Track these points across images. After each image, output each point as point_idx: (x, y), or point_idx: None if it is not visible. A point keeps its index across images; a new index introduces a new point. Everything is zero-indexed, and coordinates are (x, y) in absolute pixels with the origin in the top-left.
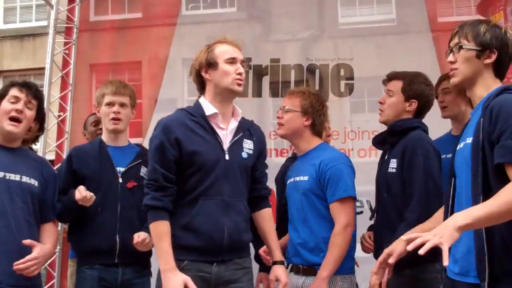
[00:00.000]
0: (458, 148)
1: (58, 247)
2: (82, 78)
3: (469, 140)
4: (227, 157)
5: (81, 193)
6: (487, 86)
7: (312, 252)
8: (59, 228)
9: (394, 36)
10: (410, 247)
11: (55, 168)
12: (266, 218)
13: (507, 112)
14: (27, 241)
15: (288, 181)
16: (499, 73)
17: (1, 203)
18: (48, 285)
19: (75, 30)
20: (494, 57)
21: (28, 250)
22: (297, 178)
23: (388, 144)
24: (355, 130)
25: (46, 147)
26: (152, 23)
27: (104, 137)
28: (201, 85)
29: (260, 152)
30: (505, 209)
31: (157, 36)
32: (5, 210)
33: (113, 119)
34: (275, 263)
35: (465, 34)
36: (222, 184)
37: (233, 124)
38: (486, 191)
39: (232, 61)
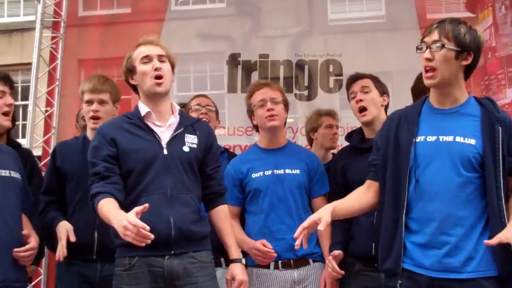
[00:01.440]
0: (432, 139)
1: None
2: (70, 73)
3: (471, 141)
4: (165, 152)
5: (62, 244)
6: (462, 88)
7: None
8: None
9: (383, 33)
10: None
11: (42, 163)
12: (221, 216)
13: None
14: (26, 232)
15: (258, 174)
16: (467, 75)
17: None
18: (35, 281)
19: (62, 24)
20: (470, 59)
21: (22, 244)
22: (280, 171)
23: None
24: (344, 126)
25: (32, 143)
26: (141, 19)
27: (88, 133)
28: (136, 91)
29: (207, 147)
30: None
31: (145, 32)
32: (1, 206)
33: (92, 117)
34: (232, 261)
35: (446, 32)
36: (163, 178)
37: (172, 120)
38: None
39: (146, 59)
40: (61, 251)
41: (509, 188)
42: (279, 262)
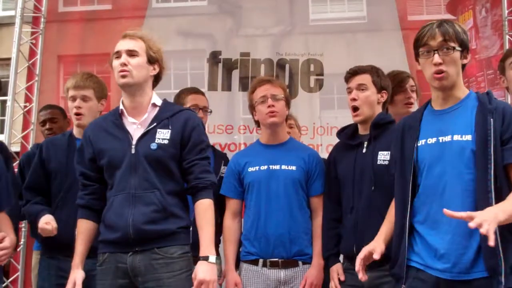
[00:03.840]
0: (432, 141)
1: (22, 240)
2: (49, 69)
3: (467, 137)
4: (133, 151)
5: (46, 225)
6: (462, 86)
7: (294, 243)
8: (23, 225)
9: (364, 34)
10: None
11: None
12: (198, 211)
13: None
14: (2, 234)
15: (254, 168)
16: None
17: None
18: (12, 277)
19: (42, 19)
20: (468, 57)
21: None
22: (276, 167)
23: (369, 138)
24: (324, 126)
25: (11, 138)
26: (122, 15)
27: (74, 130)
28: None
29: (184, 140)
30: None
31: (126, 28)
32: None
33: (75, 114)
34: (198, 258)
35: (451, 34)
36: (128, 178)
37: (145, 116)
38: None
39: (117, 55)
40: (52, 226)
41: (509, 177)
42: (268, 260)
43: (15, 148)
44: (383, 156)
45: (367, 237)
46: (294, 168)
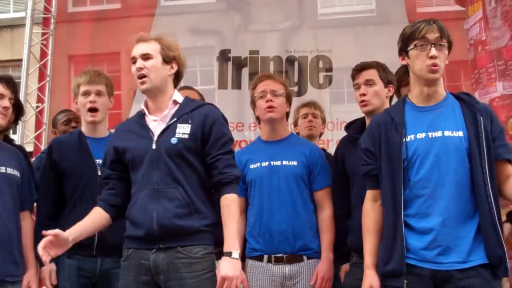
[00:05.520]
0: (421, 136)
1: None
2: (60, 69)
3: (459, 133)
4: (153, 147)
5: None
6: (442, 84)
7: (298, 238)
8: None
9: (373, 27)
10: None
11: (33, 159)
12: (222, 206)
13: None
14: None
15: (255, 165)
16: None
17: None
18: None
19: (52, 20)
20: (447, 61)
21: (16, 241)
22: (277, 162)
23: None
24: (334, 121)
25: (24, 139)
26: (131, 14)
27: (83, 128)
28: None
29: (204, 135)
30: None
31: (135, 27)
32: None
33: (90, 109)
34: (222, 254)
35: (444, 32)
36: (151, 174)
37: (165, 112)
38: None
39: (133, 61)
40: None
41: (500, 171)
42: (272, 256)
43: (27, 148)
44: None
45: None
46: (295, 163)
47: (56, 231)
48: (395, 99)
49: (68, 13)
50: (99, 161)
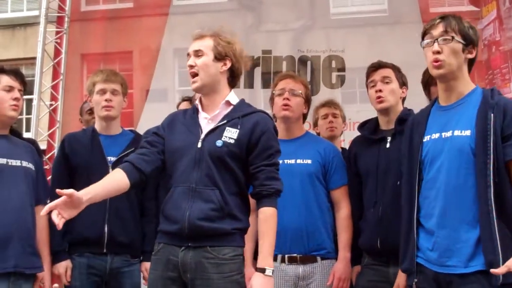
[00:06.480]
0: (435, 137)
1: None
2: (73, 68)
3: (466, 132)
4: (199, 145)
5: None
6: (467, 81)
7: (312, 237)
8: None
9: (385, 27)
10: None
11: (46, 157)
12: (260, 218)
13: None
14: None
15: None
16: (470, 69)
17: (8, 190)
18: None
19: (66, 19)
20: (474, 53)
21: (32, 234)
22: (291, 161)
23: (394, 133)
24: (346, 121)
25: (37, 136)
26: (143, 13)
27: (97, 125)
28: None
29: (250, 143)
30: None
31: (148, 26)
32: (13, 197)
33: (105, 106)
34: (256, 269)
35: (452, 26)
36: (191, 172)
37: (216, 112)
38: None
39: (188, 57)
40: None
41: (509, 173)
42: (286, 256)
43: (41, 146)
44: None
45: (391, 232)
46: (309, 161)
47: (70, 190)
48: (408, 102)
49: (81, 12)
50: (111, 158)
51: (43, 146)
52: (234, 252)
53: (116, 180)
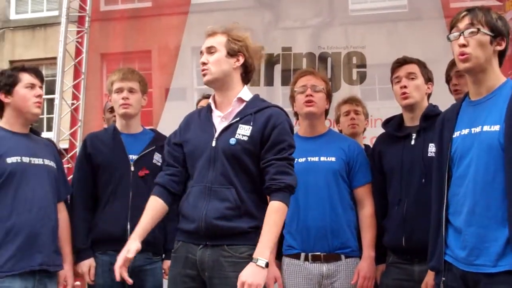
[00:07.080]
0: (465, 133)
1: None
2: (93, 67)
3: (495, 127)
4: (213, 144)
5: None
6: (497, 74)
7: (336, 236)
8: None
9: (406, 23)
10: None
11: (68, 156)
12: (267, 212)
13: None
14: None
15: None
16: (501, 61)
17: (32, 189)
18: None
19: (87, 18)
20: (504, 44)
21: (56, 232)
22: (314, 158)
23: (419, 129)
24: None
25: (59, 136)
26: (162, 12)
27: (117, 124)
28: None
29: (263, 138)
30: None
31: (167, 25)
32: (38, 195)
33: (122, 104)
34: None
35: (479, 18)
36: (207, 171)
37: (229, 110)
38: None
39: (201, 55)
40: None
41: None
42: (309, 254)
43: (63, 145)
44: (433, 148)
45: (416, 230)
46: (333, 159)
47: (130, 256)
48: (433, 98)
49: (101, 12)
50: (132, 156)
51: (65, 145)
52: (251, 250)
53: (157, 210)
